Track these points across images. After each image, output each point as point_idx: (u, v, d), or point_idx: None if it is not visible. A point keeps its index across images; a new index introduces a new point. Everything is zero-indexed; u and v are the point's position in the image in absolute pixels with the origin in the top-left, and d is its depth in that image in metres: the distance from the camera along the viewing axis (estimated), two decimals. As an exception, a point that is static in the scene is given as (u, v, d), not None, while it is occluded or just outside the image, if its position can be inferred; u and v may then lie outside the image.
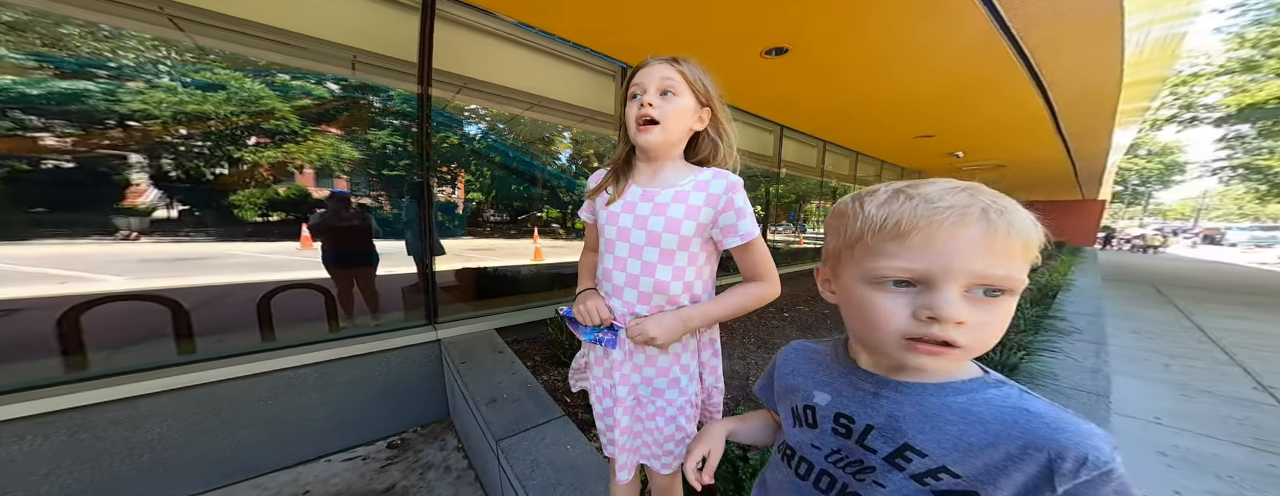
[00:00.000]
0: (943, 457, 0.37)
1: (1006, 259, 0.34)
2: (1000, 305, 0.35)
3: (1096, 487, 0.32)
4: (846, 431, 0.42)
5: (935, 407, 0.38)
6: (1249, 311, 5.04)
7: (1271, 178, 10.68)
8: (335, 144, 2.56)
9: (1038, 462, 0.33)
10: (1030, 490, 0.34)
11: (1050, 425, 0.34)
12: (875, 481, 0.40)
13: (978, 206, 0.34)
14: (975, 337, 0.35)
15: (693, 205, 0.68)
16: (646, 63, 0.71)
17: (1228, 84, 8.21)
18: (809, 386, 0.48)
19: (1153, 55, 4.34)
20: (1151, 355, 3.26)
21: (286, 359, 1.59)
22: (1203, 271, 9.56)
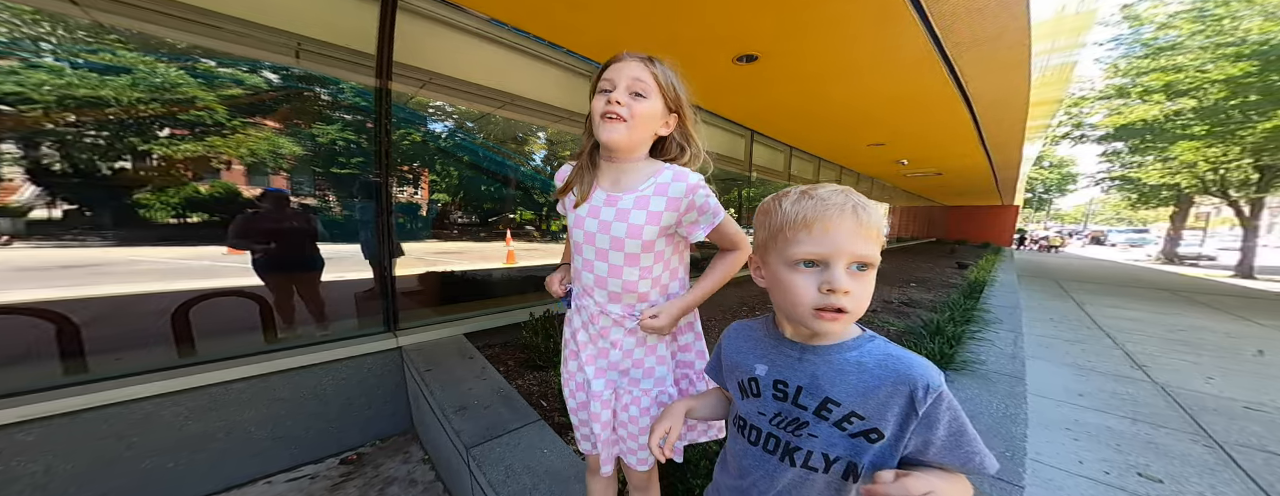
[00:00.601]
0: (851, 404, 0.47)
1: (869, 241, 0.46)
2: (867, 277, 0.46)
3: (938, 405, 0.44)
4: (783, 395, 0.51)
5: (839, 364, 0.48)
6: (1126, 301, 5.99)
7: (1140, 188, 12.75)
8: (272, 138, 2.30)
9: (905, 394, 0.45)
10: (905, 416, 0.45)
11: (909, 365, 0.46)
12: (809, 434, 0.49)
13: (851, 204, 0.46)
14: (856, 303, 0.46)
15: (654, 211, 0.68)
16: (621, 58, 0.69)
17: (1106, 106, 9.70)
18: (750, 361, 0.56)
19: (1052, 79, 5.05)
20: (1056, 342, 3.76)
21: (211, 374, 1.43)
22: (1092, 268, 11.18)
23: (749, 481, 0.55)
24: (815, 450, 0.49)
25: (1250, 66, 6.23)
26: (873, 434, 0.46)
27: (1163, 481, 1.64)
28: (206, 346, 1.63)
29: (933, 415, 0.44)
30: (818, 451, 0.49)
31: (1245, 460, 1.82)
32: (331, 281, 2.09)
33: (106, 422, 1.28)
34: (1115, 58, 9.16)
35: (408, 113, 2.34)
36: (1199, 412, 2.31)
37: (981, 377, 2.05)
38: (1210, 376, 2.91)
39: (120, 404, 1.29)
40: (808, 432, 0.49)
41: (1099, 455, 1.84)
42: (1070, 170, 30.27)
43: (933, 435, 0.44)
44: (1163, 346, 3.66)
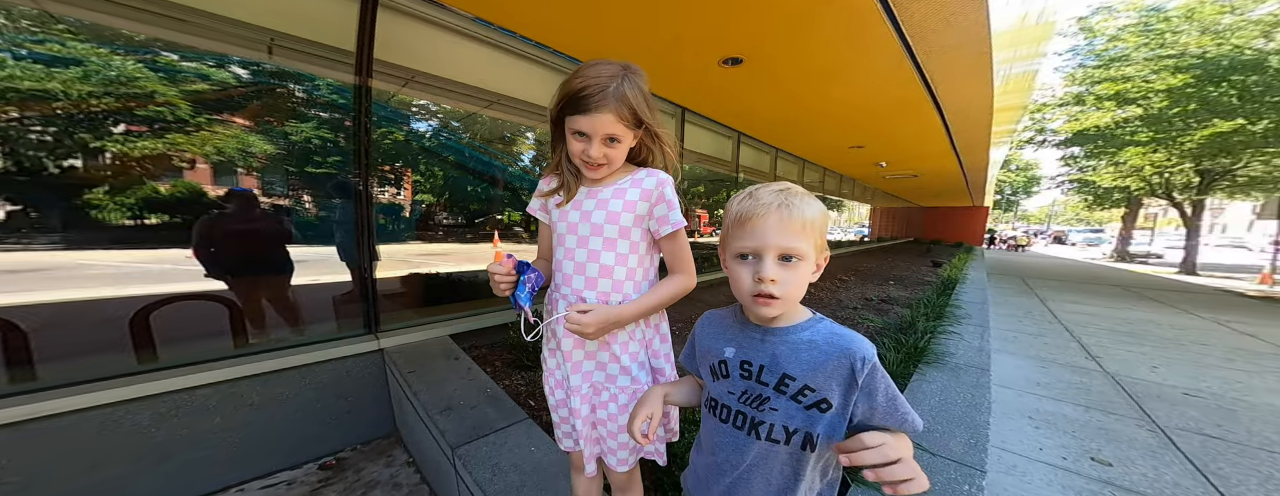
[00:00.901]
0: (805, 378, 0.53)
1: (792, 236, 0.51)
2: (796, 267, 0.52)
3: (873, 375, 0.51)
4: (748, 373, 0.57)
5: (794, 343, 0.55)
6: (1083, 297, 6.38)
7: (1095, 190, 13.60)
8: (241, 136, 2.20)
9: (846, 367, 0.51)
10: (847, 386, 0.51)
11: (848, 340, 0.53)
12: (771, 408, 0.55)
13: (778, 202, 0.52)
14: (784, 290, 0.52)
15: (630, 200, 0.76)
16: (591, 107, 0.67)
17: (1065, 113, 10.31)
18: (720, 345, 0.61)
19: (1015, 86, 5.34)
20: (1020, 335, 3.97)
21: (174, 380, 1.38)
22: (1054, 266, 11.83)
23: (721, 457, 0.59)
24: (776, 423, 0.54)
25: (1189, 78, 6.75)
26: (823, 404, 0.52)
27: (1113, 464, 1.76)
28: (170, 352, 1.57)
29: (870, 384, 0.51)
30: (779, 424, 0.54)
31: (1184, 443, 1.98)
32: (310, 284, 2.03)
33: (59, 432, 1.22)
34: (1072, 67, 9.75)
35: (389, 111, 2.29)
36: (1144, 399, 2.49)
37: (950, 370, 2.16)
38: (1155, 365, 3.14)
39: (73, 412, 1.23)
40: (769, 406, 0.55)
41: (1057, 441, 1.97)
42: (1035, 173, 32.00)
43: (874, 402, 0.51)
44: (1114, 338, 3.92)
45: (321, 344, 1.70)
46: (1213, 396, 2.56)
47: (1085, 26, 9.22)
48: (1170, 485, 1.62)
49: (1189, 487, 1.61)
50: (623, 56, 3.05)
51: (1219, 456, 1.85)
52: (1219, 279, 9.55)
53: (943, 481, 1.18)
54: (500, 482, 1.08)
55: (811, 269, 0.53)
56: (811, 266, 0.53)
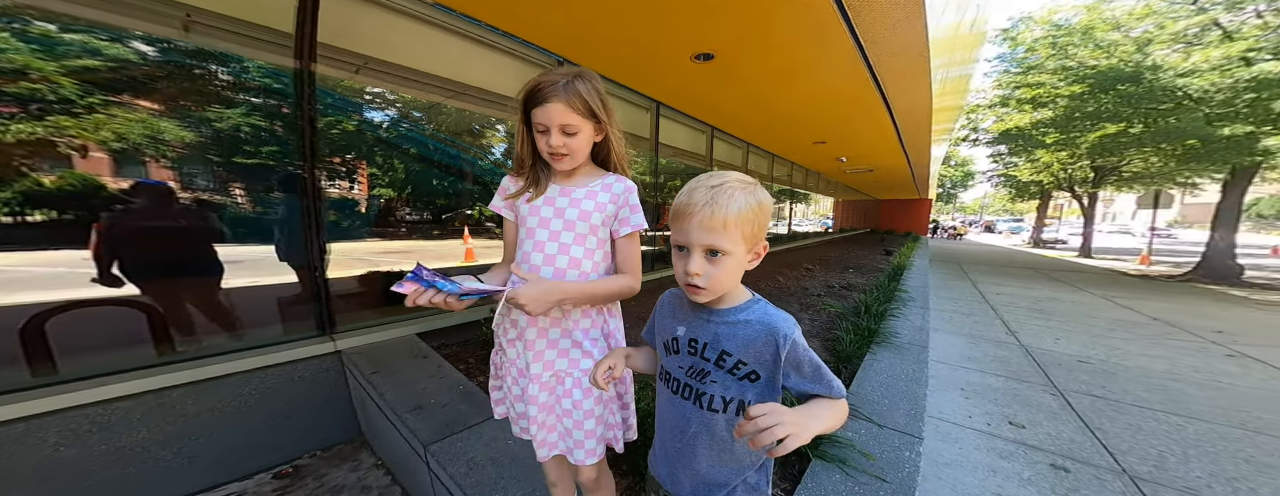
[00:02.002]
0: (739, 353, 0.59)
1: (714, 233, 0.54)
2: (722, 262, 0.55)
3: (795, 349, 0.57)
4: (695, 350, 0.62)
5: (732, 323, 0.60)
6: (1005, 279, 7.22)
7: (1016, 184, 15.32)
8: (149, 121, 1.93)
9: (772, 343, 0.57)
10: (773, 360, 0.57)
11: (774, 319, 0.58)
12: (711, 380, 0.61)
13: (704, 200, 0.54)
14: (709, 282, 0.56)
15: (600, 201, 0.82)
16: (545, 98, 0.74)
17: (993, 114, 11.48)
18: (673, 323, 0.67)
19: (952, 89, 5.84)
20: (954, 315, 4.44)
21: (83, 393, 1.25)
22: (984, 252, 13.26)
23: (670, 426, 0.66)
24: (716, 394, 0.60)
25: (1084, 87, 7.76)
26: (753, 375, 0.59)
27: (1025, 426, 2.04)
28: (75, 364, 1.39)
29: (794, 357, 0.57)
30: (718, 395, 0.60)
31: (1077, 403, 2.33)
32: (253, 286, 1.84)
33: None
34: (998, 73, 10.85)
35: (338, 99, 2.10)
36: (1049, 367, 2.90)
37: (896, 348, 2.38)
38: (1058, 337, 3.65)
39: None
40: (710, 379, 0.61)
41: (983, 409, 2.24)
42: (970, 168, 35.42)
43: (802, 372, 0.57)
44: (1028, 315, 4.49)
45: (267, 348, 1.59)
46: (1099, 362, 3.02)
47: (1008, 36, 10.26)
48: (1067, 441, 1.91)
49: (1080, 442, 1.90)
50: (595, 48, 2.98)
51: (1101, 413, 2.20)
52: (1108, 260, 11.16)
53: (888, 449, 1.32)
54: (476, 476, 1.08)
55: (741, 261, 0.57)
56: (740, 259, 0.56)
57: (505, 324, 0.85)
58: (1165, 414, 2.20)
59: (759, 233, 0.56)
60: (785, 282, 4.73)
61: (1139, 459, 1.76)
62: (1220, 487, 1.57)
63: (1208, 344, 3.55)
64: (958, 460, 1.72)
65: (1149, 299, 5.65)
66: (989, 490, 1.53)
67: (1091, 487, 1.55)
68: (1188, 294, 6.22)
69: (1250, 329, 4.12)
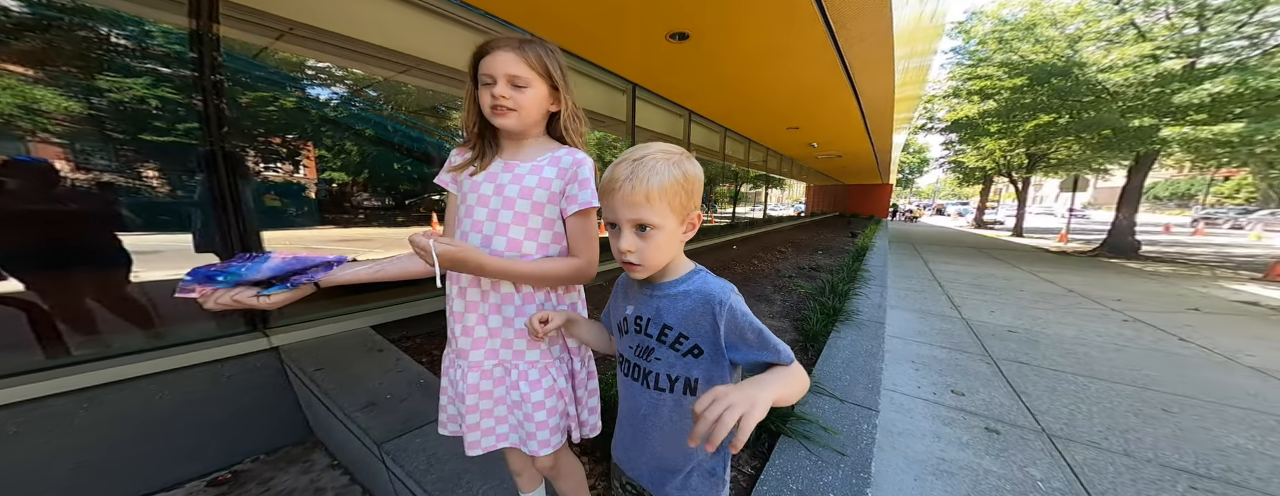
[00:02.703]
0: (679, 327, 0.57)
1: (639, 207, 0.52)
2: (652, 235, 0.54)
3: (733, 315, 0.54)
4: (639, 327, 0.61)
5: (673, 296, 0.58)
6: (952, 258, 7.87)
7: (964, 169, 16.56)
8: (19, 88, 1.60)
9: (710, 312, 0.55)
10: (713, 331, 0.55)
11: (710, 286, 0.56)
12: (655, 357, 0.59)
13: (626, 174, 0.52)
14: (643, 257, 0.55)
15: (546, 177, 0.74)
16: (492, 49, 0.69)
17: (947, 104, 12.21)
18: (623, 304, 0.66)
19: (912, 79, 6.08)
20: (908, 292, 4.80)
21: None
22: (935, 233, 14.36)
23: (626, 408, 0.66)
24: (661, 372, 0.59)
25: (1022, 81, 8.40)
26: (696, 350, 0.56)
27: (964, 394, 2.25)
28: None
29: (733, 323, 0.54)
30: (663, 373, 0.59)
31: (1007, 369, 2.60)
32: (172, 280, 1.63)
33: None
34: (952, 65, 11.46)
35: (269, 71, 1.84)
36: (985, 338, 3.21)
37: (857, 325, 2.54)
38: (992, 310, 4.04)
39: None
40: (655, 357, 0.59)
41: (930, 380, 2.45)
42: (925, 155, 37.76)
43: (746, 340, 0.54)
44: (969, 290, 4.93)
45: (182, 348, 1.43)
46: (1025, 331, 3.39)
47: (961, 29, 10.80)
48: (998, 405, 2.13)
49: (1009, 406, 2.12)
50: (567, 21, 2.79)
51: (1026, 378, 2.47)
52: (1035, 239, 12.45)
53: (849, 422, 1.41)
54: (438, 472, 1.04)
55: (673, 233, 0.55)
56: (672, 232, 0.54)
57: (448, 311, 0.80)
58: (1073, 375, 2.51)
59: (689, 202, 0.55)
60: (760, 266, 4.89)
61: (1053, 418, 1.99)
62: (1115, 439, 1.81)
63: (1109, 311, 4.07)
64: (909, 429, 1.87)
65: (1065, 272, 6.37)
66: (934, 455, 1.68)
67: (1017, 447, 1.74)
68: (1096, 267, 7.07)
69: (1143, 297, 4.77)
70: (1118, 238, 9.02)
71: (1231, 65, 6.35)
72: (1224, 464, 1.64)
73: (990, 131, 10.28)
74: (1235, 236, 15.58)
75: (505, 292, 0.76)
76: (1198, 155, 7.43)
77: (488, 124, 0.75)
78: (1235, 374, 2.58)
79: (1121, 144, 7.71)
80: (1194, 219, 22.34)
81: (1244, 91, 5.86)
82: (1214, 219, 22.08)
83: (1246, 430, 1.90)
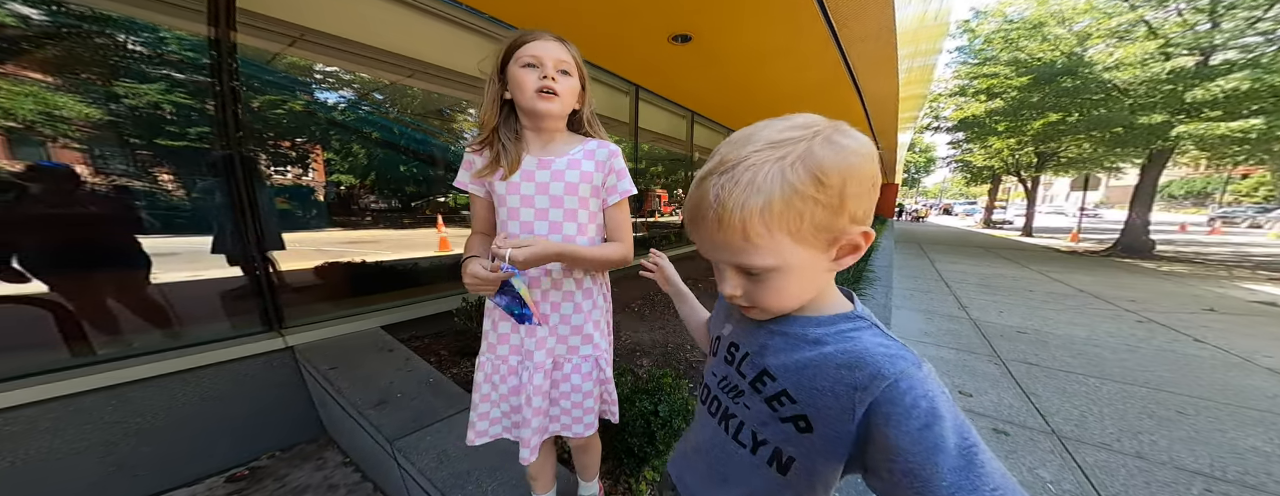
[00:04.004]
0: (785, 382, 0.39)
1: (733, 249, 0.35)
2: (765, 280, 0.36)
3: (894, 400, 0.32)
4: (732, 358, 0.46)
5: (795, 338, 0.40)
6: (959, 257, 7.78)
7: (971, 169, 16.37)
8: (41, 94, 1.66)
9: (850, 388, 0.34)
10: (840, 412, 0.34)
11: (868, 349, 0.35)
12: (744, 404, 0.43)
13: (706, 203, 0.34)
14: (755, 301, 0.38)
15: (586, 171, 0.77)
16: (537, 37, 0.73)
17: (953, 103, 12.11)
18: (723, 317, 0.52)
19: (917, 78, 6.04)
20: (914, 292, 4.75)
21: None
22: (942, 233, 14.20)
23: (695, 440, 0.52)
24: (746, 423, 0.43)
25: (1030, 79, 8.31)
26: (801, 421, 0.38)
27: (973, 395, 2.23)
28: None
29: (897, 423, 0.31)
30: (748, 425, 0.43)
31: (1016, 370, 2.57)
32: (190, 281, 1.68)
33: None
34: (958, 64, 11.37)
35: (279, 76, 1.89)
36: (993, 338, 3.17)
37: (861, 328, 2.52)
38: (1001, 310, 3.99)
39: None
40: (743, 402, 0.43)
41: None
42: (932, 155, 37.43)
43: (907, 461, 0.31)
44: (977, 290, 4.87)
45: (203, 346, 1.48)
46: (1034, 332, 3.34)
47: (966, 28, 10.71)
48: (1007, 406, 2.10)
49: (1018, 407, 2.10)
50: (570, 25, 2.84)
51: (1036, 380, 2.44)
52: (1046, 238, 12.26)
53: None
54: (448, 470, 1.06)
55: (808, 269, 0.36)
56: (804, 268, 0.35)
57: (500, 314, 0.80)
58: (1085, 376, 2.47)
59: (835, 218, 0.33)
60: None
61: (1063, 419, 1.97)
62: (1128, 441, 1.78)
63: (1122, 312, 4.00)
64: (914, 427, 1.86)
65: (1076, 272, 6.26)
66: (940, 453, 1.67)
67: (1026, 448, 1.72)
68: (1108, 267, 6.95)
69: (1157, 297, 4.68)
70: (1131, 237, 8.85)
71: (1246, 61, 6.23)
72: (1241, 466, 1.60)
73: (998, 130, 10.17)
74: (1254, 235, 15.22)
75: (566, 290, 0.79)
76: (1213, 152, 7.29)
77: (504, 121, 0.77)
78: (1253, 375, 2.53)
79: (1133, 141, 7.58)
80: (1211, 218, 21.86)
81: (1259, 88, 5.74)
82: (1231, 218, 21.60)
83: (1264, 432, 1.86)
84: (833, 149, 0.32)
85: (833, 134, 0.34)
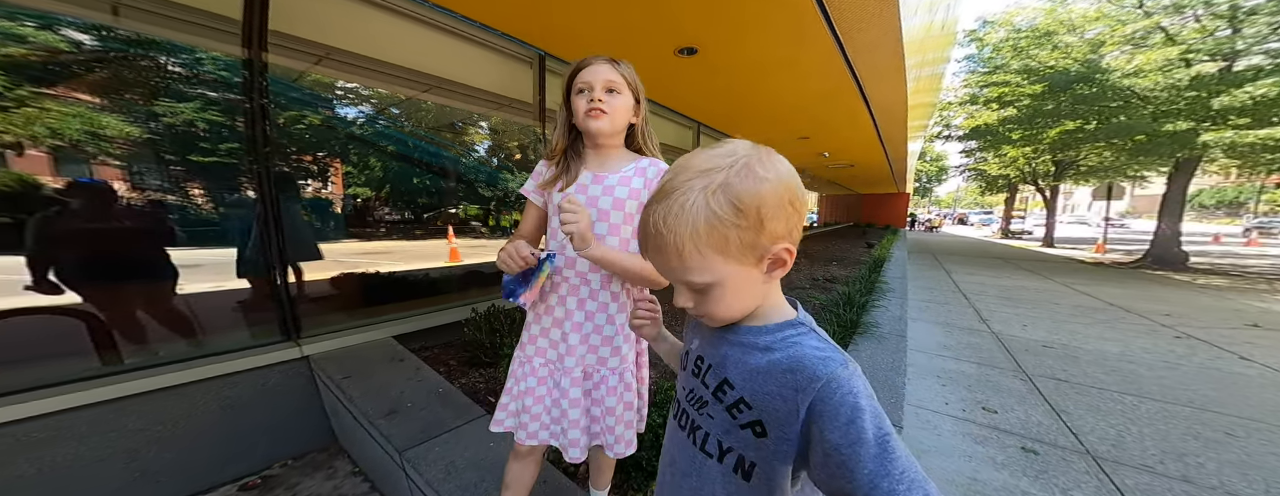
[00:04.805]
0: (743, 389, 0.42)
1: (675, 269, 0.40)
2: (708, 294, 0.41)
3: (827, 405, 0.35)
4: (697, 371, 0.49)
5: (747, 347, 0.44)
6: (977, 268, 7.55)
7: (986, 178, 16.05)
8: (87, 115, 1.77)
9: (792, 387, 0.38)
10: (789, 415, 0.38)
11: (805, 356, 0.39)
12: (708, 414, 0.46)
13: (649, 230, 0.40)
14: (704, 312, 0.43)
15: (635, 188, 0.80)
16: (589, 63, 0.79)
17: (964, 111, 11.98)
18: (693, 334, 0.55)
19: (925, 86, 6.02)
20: (930, 304, 4.61)
21: (12, 409, 1.16)
22: (957, 243, 13.84)
23: (668, 457, 0.54)
24: (711, 433, 0.45)
25: (1043, 87, 8.20)
26: (757, 427, 0.40)
27: (997, 411, 2.12)
28: (5, 378, 1.28)
29: (829, 417, 0.35)
30: (713, 435, 0.45)
31: (1043, 386, 2.45)
32: (213, 292, 1.73)
33: None
34: (966, 72, 11.32)
35: (303, 93, 1.98)
36: (1017, 353, 3.03)
37: (876, 338, 2.45)
38: (1025, 324, 3.83)
39: None
40: (707, 412, 0.46)
41: (958, 396, 2.32)
42: (943, 163, 36.89)
43: (838, 453, 0.35)
44: (998, 303, 4.69)
45: (225, 356, 1.51)
46: (1062, 347, 3.19)
47: (974, 37, 10.70)
48: (1035, 424, 1.99)
49: (1048, 425, 1.99)
50: (577, 41, 2.92)
51: (1066, 396, 2.31)
52: (1068, 249, 11.83)
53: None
54: (455, 481, 1.05)
55: (743, 282, 0.40)
56: (739, 281, 0.40)
57: (540, 312, 0.84)
58: (1121, 394, 2.34)
59: (758, 236, 0.37)
60: (769, 277, 4.79)
61: (1099, 438, 1.85)
62: (1172, 463, 1.67)
63: (1157, 326, 3.79)
64: (937, 447, 1.77)
65: (1104, 285, 6.00)
66: (965, 475, 1.58)
67: (1058, 468, 1.62)
68: (1138, 279, 6.65)
69: (1195, 311, 4.44)
70: (1162, 248, 8.49)
71: (1274, 66, 6.05)
72: (1300, 493, 1.47)
73: (1012, 138, 9.99)
74: (1295, 246, 14.43)
75: (602, 301, 0.81)
76: (1244, 160, 7.01)
77: (574, 140, 0.83)
78: (1307, 395, 2.35)
79: (1158, 149, 7.35)
80: (1246, 228, 20.89)
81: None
82: (1269, 228, 20.61)
83: (1325, 457, 1.71)
84: (748, 178, 0.37)
85: (751, 162, 0.38)
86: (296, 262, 1.85)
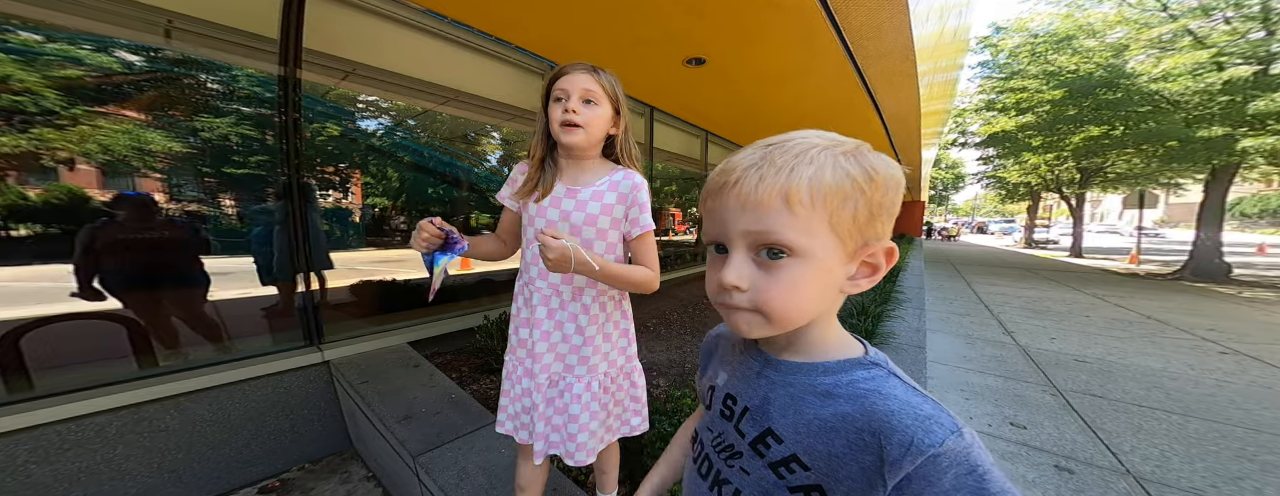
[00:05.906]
0: (795, 444, 0.33)
1: (763, 211, 0.30)
2: (782, 268, 0.31)
3: (931, 477, 0.27)
4: (729, 413, 0.39)
5: (801, 389, 0.34)
6: (1000, 279, 7.28)
7: (1006, 185, 15.58)
8: (135, 132, 1.90)
9: (872, 449, 0.30)
10: (862, 486, 0.30)
11: (892, 408, 0.30)
12: (742, 468, 0.37)
13: (752, 161, 0.31)
14: (753, 301, 0.32)
15: (608, 203, 0.79)
16: (568, 70, 0.76)
17: (980, 118, 11.74)
18: (717, 365, 0.45)
19: (939, 93, 5.95)
20: (950, 315, 4.44)
21: (55, 410, 1.22)
22: (977, 253, 13.40)
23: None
24: (742, 489, 0.37)
25: (1064, 93, 7.99)
26: (815, 492, 0.32)
27: (1026, 427, 2.01)
28: (51, 380, 1.36)
29: (923, 491, 0.27)
30: (745, 491, 0.37)
31: (1077, 402, 2.31)
32: (241, 298, 1.81)
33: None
34: (981, 78, 11.14)
35: (328, 106, 2.09)
36: (1047, 367, 2.89)
37: (893, 350, 2.37)
38: (1053, 337, 3.65)
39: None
40: (740, 466, 0.37)
41: (983, 410, 2.22)
42: (960, 171, 36.04)
43: None
44: (1023, 315, 4.50)
45: (251, 360, 1.56)
46: (1096, 361, 3.02)
47: (988, 43, 10.56)
48: (1069, 442, 1.88)
49: (1083, 443, 1.88)
50: (588, 52, 3.01)
51: (1103, 413, 2.18)
52: (1098, 260, 11.29)
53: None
54: (468, 486, 1.06)
55: (828, 270, 0.32)
56: (826, 265, 0.31)
57: (519, 322, 0.85)
58: (1165, 412, 2.19)
59: (870, 225, 0.31)
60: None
61: (1142, 458, 1.74)
62: (1226, 487, 1.55)
63: (1201, 342, 3.57)
64: (960, 463, 1.68)
65: (1140, 297, 5.70)
66: (993, 494, 1.49)
67: (1096, 489, 1.53)
68: (1177, 292, 6.29)
69: (1242, 326, 4.16)
70: (1202, 259, 8.03)
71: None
72: (1374, 525, 1.34)
73: (1032, 145, 9.72)
74: (1352, 256, 13.45)
75: (572, 312, 0.81)
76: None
77: (551, 148, 0.82)
78: (1375, 417, 2.16)
79: (1193, 156, 7.03)
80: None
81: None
82: (1321, 237, 19.21)
83: (1399, 485, 1.56)
84: (879, 161, 0.32)
85: (872, 151, 0.33)
86: (319, 270, 1.92)
